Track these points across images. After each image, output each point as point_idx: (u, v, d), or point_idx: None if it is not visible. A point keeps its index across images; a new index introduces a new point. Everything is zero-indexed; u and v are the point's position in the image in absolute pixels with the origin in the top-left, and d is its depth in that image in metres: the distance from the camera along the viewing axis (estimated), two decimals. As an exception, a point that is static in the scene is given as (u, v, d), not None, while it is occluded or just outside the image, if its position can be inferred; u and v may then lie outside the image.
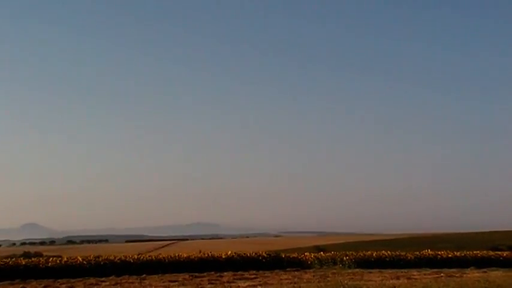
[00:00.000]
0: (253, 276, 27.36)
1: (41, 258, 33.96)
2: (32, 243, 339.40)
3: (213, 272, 29.57)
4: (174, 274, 28.97)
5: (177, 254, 33.97)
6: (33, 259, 32.80)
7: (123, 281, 25.90)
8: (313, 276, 27.07)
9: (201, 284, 23.43)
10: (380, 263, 34.65)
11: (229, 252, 34.08)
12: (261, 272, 30.19)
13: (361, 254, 36.08)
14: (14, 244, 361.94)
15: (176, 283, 24.21)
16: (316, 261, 36.19)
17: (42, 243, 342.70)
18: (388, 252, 37.48)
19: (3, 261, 30.61)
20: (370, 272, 29.73)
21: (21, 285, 24.87)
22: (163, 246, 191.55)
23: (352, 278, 25.45)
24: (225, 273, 28.96)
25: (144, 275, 28.42)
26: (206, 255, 33.74)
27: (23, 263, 30.41)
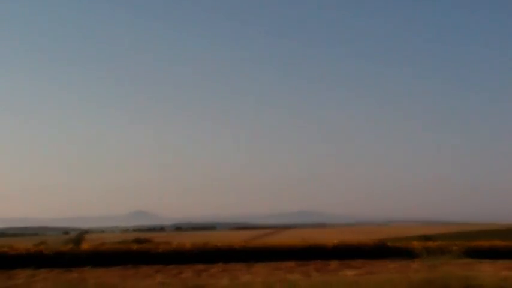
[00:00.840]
0: (359, 265, 27.22)
1: (151, 245, 35.47)
2: (142, 230, 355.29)
3: (318, 261, 29.69)
4: (280, 262, 29.35)
5: (283, 242, 34.40)
6: (144, 245, 34.36)
7: (231, 267, 26.53)
8: (421, 266, 26.45)
9: (307, 272, 23.55)
10: (492, 254, 33.22)
11: (335, 241, 34.06)
12: (367, 261, 29.95)
13: (472, 244, 34.79)
14: (125, 230, 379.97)
15: (282, 271, 24.46)
16: (423, 251, 35.28)
17: (152, 229, 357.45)
18: (501, 242, 35.86)
19: (117, 247, 32.45)
20: (481, 263, 28.62)
21: (133, 270, 26.20)
22: (268, 234, 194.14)
23: (463, 269, 24.61)
24: (331, 262, 28.99)
25: (250, 262, 29.02)
26: (312, 243, 33.93)
27: (135, 248, 32.05)
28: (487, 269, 24.56)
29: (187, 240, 39.76)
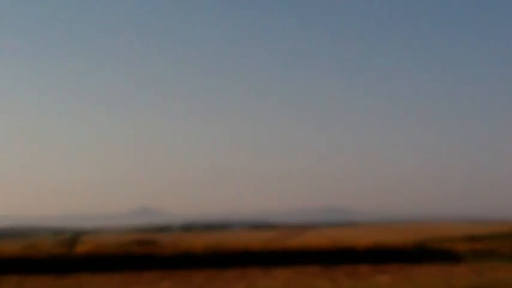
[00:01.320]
0: (394, 270, 27.06)
1: (156, 247, 35.46)
2: (145, 230, 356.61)
3: (347, 265, 29.61)
4: (304, 266, 29.32)
5: (306, 243, 34.37)
6: (148, 247, 34.29)
7: (248, 272, 26.48)
8: (467, 270, 26.27)
9: (334, 278, 23.43)
10: None
11: (367, 242, 33.96)
12: (403, 264, 29.82)
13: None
14: (127, 230, 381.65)
15: (306, 276, 24.42)
16: (469, 253, 35.14)
17: (157, 229, 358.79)
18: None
19: (116, 250, 32.45)
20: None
21: (135, 277, 26.05)
22: (289, 234, 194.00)
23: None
24: (362, 266, 28.89)
25: (269, 267, 29.00)
26: (340, 245, 33.86)
27: (138, 251, 32.10)
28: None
29: (198, 242, 39.85)
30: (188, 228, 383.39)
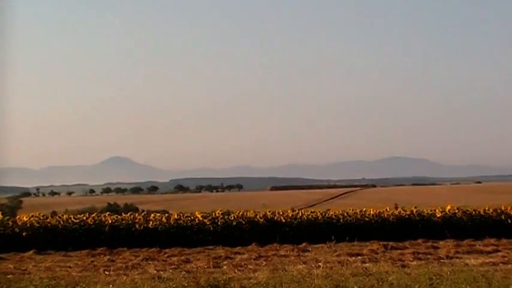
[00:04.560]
0: (491, 248, 26.89)
1: (136, 215, 34.92)
2: (121, 190, 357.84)
3: (420, 241, 29.59)
4: (356, 243, 29.45)
5: (358, 210, 34.14)
6: (124, 216, 33.66)
7: (271, 252, 26.68)
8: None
9: (401, 260, 23.21)
10: None
11: (449, 208, 33.85)
12: (504, 241, 29.64)
13: None
14: (92, 191, 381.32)
15: (359, 257, 24.37)
16: None
17: (137, 189, 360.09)
18: None
19: (78, 219, 31.92)
20: None
21: (107, 257, 26.26)
22: (335, 197, 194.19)
23: None
24: (442, 243, 28.89)
25: (304, 244, 29.01)
26: (409, 212, 33.78)
27: (109, 221, 31.75)
28: None
29: (196, 208, 40.05)
30: (180, 187, 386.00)
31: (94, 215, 34.19)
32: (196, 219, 32.19)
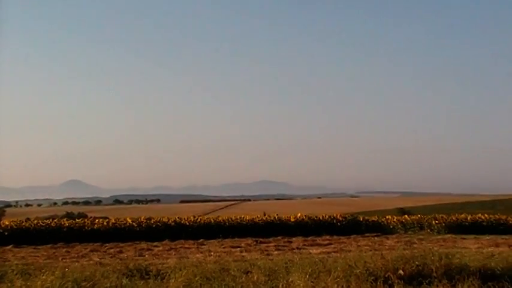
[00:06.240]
0: (326, 242, 27.50)
1: (86, 220, 35.36)
2: (76, 203, 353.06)
3: (280, 237, 29.98)
4: (236, 239, 29.57)
5: (239, 217, 34.71)
6: (77, 220, 34.14)
7: (179, 245, 26.64)
8: (397, 242, 26.95)
9: (266, 250, 23.64)
10: (476, 229, 34.09)
11: (299, 215, 34.48)
12: (335, 237, 30.35)
13: (453, 218, 35.63)
14: (55, 204, 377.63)
15: (238, 249, 24.60)
16: (399, 226, 36.11)
17: (87, 202, 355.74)
18: (486, 215, 36.90)
19: (45, 223, 32.12)
20: (464, 239, 29.28)
21: (64, 249, 25.98)
22: (223, 208, 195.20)
23: (443, 245, 25.16)
24: (294, 239, 29.29)
25: (201, 240, 29.17)
26: (272, 218, 34.30)
27: (66, 224, 31.79)
28: (470, 246, 25.09)
29: (128, 215, 39.70)
30: (118, 201, 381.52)
31: (56, 220, 35.20)
32: (128, 222, 32.24)
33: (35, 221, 34.04)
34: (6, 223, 32.15)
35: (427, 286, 11.06)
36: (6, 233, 29.80)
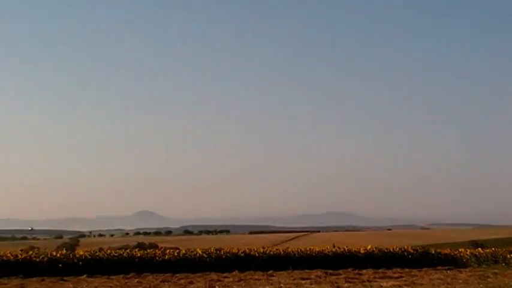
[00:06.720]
0: (397, 275, 27.10)
1: (157, 250, 35.66)
2: (147, 233, 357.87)
3: (350, 269, 29.68)
4: (306, 270, 29.37)
5: (308, 248, 34.43)
6: (148, 251, 34.59)
7: (248, 277, 26.62)
8: (470, 276, 26.27)
9: (337, 283, 23.46)
10: None
11: (369, 247, 34.03)
12: (406, 270, 29.84)
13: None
14: (127, 234, 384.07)
15: (308, 280, 24.46)
16: (473, 259, 35.12)
17: (157, 233, 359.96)
18: None
19: (117, 253, 32.64)
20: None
21: (136, 280, 26.30)
22: (292, 239, 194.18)
23: (520, 280, 24.40)
24: (364, 271, 28.94)
25: (271, 271, 29.05)
26: (342, 249, 33.94)
27: (138, 255, 32.17)
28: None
29: (198, 246, 39.98)
30: (188, 232, 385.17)
31: (128, 250, 35.75)
32: (198, 253, 32.36)
33: (108, 251, 34.38)
34: (81, 253, 32.65)
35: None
36: (80, 263, 30.25)
